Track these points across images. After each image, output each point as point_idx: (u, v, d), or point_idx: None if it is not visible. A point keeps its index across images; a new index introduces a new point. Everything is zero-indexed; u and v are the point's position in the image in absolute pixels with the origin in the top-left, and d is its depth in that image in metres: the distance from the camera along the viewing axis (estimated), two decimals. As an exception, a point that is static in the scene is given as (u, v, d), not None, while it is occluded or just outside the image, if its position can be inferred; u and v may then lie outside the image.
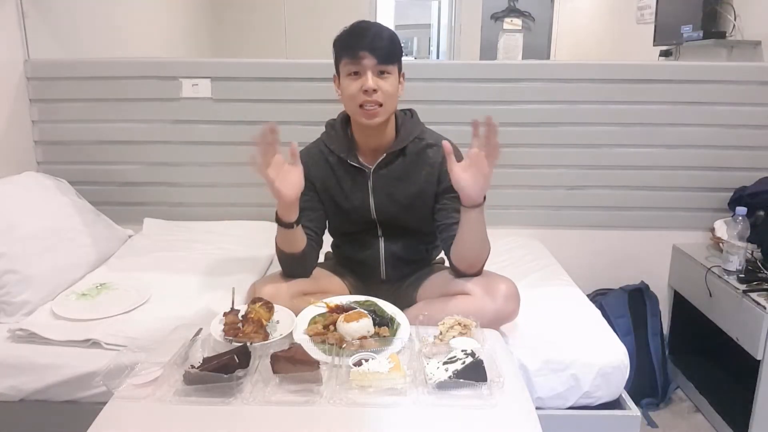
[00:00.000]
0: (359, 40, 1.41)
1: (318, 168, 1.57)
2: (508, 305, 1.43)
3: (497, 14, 5.31)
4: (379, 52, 1.41)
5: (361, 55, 1.40)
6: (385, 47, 1.42)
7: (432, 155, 1.54)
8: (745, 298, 1.79)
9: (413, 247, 1.62)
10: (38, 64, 2.18)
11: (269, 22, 4.39)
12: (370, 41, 1.41)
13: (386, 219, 1.57)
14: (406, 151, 1.54)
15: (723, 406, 1.97)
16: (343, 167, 1.55)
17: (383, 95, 1.43)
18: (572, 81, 2.18)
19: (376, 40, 1.41)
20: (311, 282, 1.55)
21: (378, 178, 1.55)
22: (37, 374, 1.41)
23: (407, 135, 1.54)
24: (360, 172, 1.55)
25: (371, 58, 1.40)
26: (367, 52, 1.40)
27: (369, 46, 1.40)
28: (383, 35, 1.43)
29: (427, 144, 1.55)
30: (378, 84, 1.42)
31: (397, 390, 1.10)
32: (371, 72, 1.41)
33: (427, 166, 1.54)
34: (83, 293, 1.68)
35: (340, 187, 1.56)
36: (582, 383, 1.45)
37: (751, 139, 2.21)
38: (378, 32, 1.43)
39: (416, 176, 1.55)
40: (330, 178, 1.57)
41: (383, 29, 1.45)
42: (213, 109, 2.21)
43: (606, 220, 2.31)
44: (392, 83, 1.45)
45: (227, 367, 1.10)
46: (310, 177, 1.55)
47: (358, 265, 1.65)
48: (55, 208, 1.89)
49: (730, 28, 2.72)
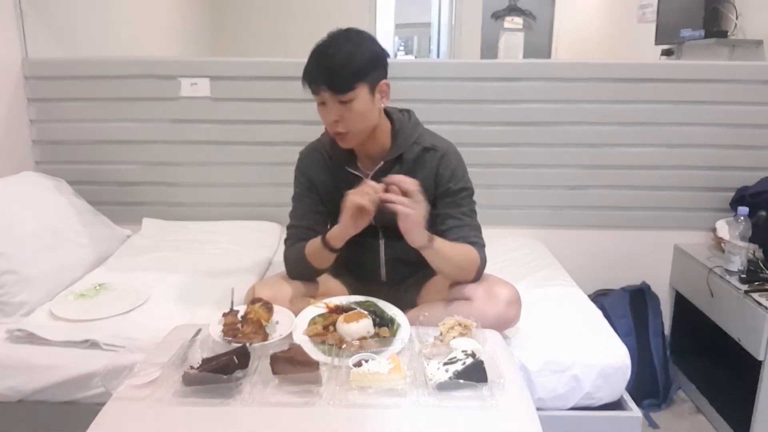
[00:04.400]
0: (314, 75, 1.37)
1: (319, 170, 1.56)
2: (510, 310, 1.42)
3: (498, 13, 5.31)
4: (335, 84, 1.35)
5: (317, 90, 1.37)
6: (341, 78, 1.35)
7: (429, 160, 1.52)
8: (746, 298, 1.78)
9: (413, 250, 1.61)
10: (36, 63, 2.17)
11: (268, 21, 4.39)
12: (325, 75, 1.35)
13: (386, 224, 1.56)
14: (403, 158, 1.51)
15: (724, 407, 1.97)
16: (342, 173, 1.54)
17: (347, 123, 1.40)
18: (573, 80, 2.17)
19: (329, 73, 1.35)
20: (310, 284, 1.54)
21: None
22: (35, 375, 1.40)
23: (404, 141, 1.51)
24: (359, 179, 1.53)
25: (327, 91, 1.36)
26: (323, 87, 1.36)
27: (324, 80, 1.35)
28: (337, 65, 1.34)
29: (424, 148, 1.52)
30: (341, 114, 1.38)
31: (397, 391, 1.10)
32: (331, 102, 1.37)
33: (425, 170, 1.52)
34: (82, 293, 1.67)
35: (340, 192, 1.55)
36: (583, 384, 1.45)
37: (752, 139, 2.20)
38: (332, 62, 1.35)
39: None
40: (330, 182, 1.56)
41: (339, 55, 1.35)
42: (212, 109, 2.21)
43: (607, 220, 2.30)
44: (358, 107, 1.38)
45: (226, 368, 1.10)
46: (311, 177, 1.55)
47: (358, 267, 1.64)
48: (54, 208, 1.89)
49: (731, 27, 2.71)
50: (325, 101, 1.38)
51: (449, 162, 1.51)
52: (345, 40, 1.38)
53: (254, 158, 2.25)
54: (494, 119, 2.20)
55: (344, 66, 1.34)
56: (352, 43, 1.37)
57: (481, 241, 1.50)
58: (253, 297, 1.40)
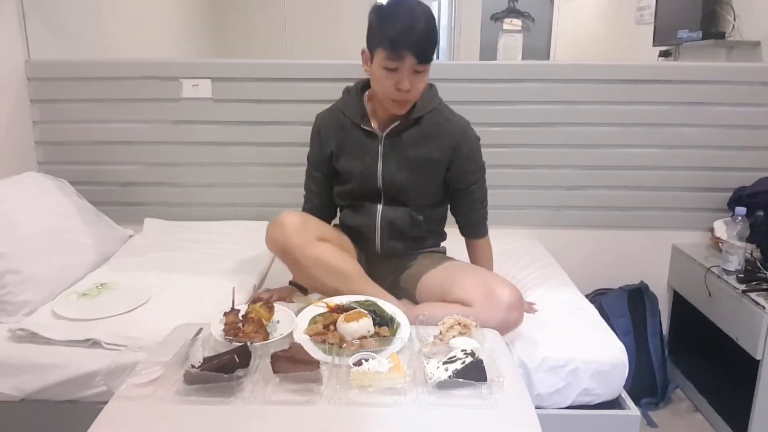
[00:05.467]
0: (404, 39, 1.37)
1: (331, 131, 1.61)
2: (511, 315, 1.41)
3: (497, 15, 5.31)
4: (421, 54, 1.38)
5: (403, 55, 1.38)
6: (430, 48, 1.40)
7: (448, 129, 1.56)
8: (744, 298, 1.79)
9: (411, 220, 1.62)
10: (39, 65, 2.18)
11: (270, 23, 4.39)
12: (415, 43, 1.37)
13: (391, 187, 1.58)
14: (422, 120, 1.55)
15: (722, 406, 1.98)
16: (355, 131, 1.57)
17: (413, 91, 1.44)
18: (572, 81, 2.18)
19: (421, 42, 1.38)
20: (334, 233, 1.61)
21: (389, 144, 1.56)
22: (37, 374, 1.41)
23: (424, 105, 1.55)
24: (372, 136, 1.57)
25: (412, 58, 1.38)
26: (410, 53, 1.37)
27: (413, 48, 1.37)
28: (429, 36, 1.39)
29: (445, 118, 1.57)
30: (412, 82, 1.42)
31: (397, 390, 1.11)
32: (408, 71, 1.40)
33: (442, 137, 1.56)
34: (84, 293, 1.68)
35: (350, 150, 1.58)
36: (581, 381, 1.46)
37: (750, 140, 2.21)
38: (424, 32, 1.38)
39: (428, 146, 1.56)
40: (342, 142, 1.59)
41: (429, 28, 1.39)
42: (213, 110, 2.22)
43: (605, 220, 2.31)
44: (425, 78, 1.45)
45: (227, 367, 1.10)
46: (324, 141, 1.62)
47: (356, 234, 1.66)
48: (56, 209, 1.90)
49: (729, 28, 2.72)
50: (401, 68, 1.40)
51: (469, 140, 1.59)
52: (421, 9, 1.40)
53: (255, 159, 2.26)
54: (493, 120, 2.21)
55: (432, 38, 1.41)
56: (429, 14, 1.41)
57: (486, 223, 1.69)
58: (277, 228, 1.48)
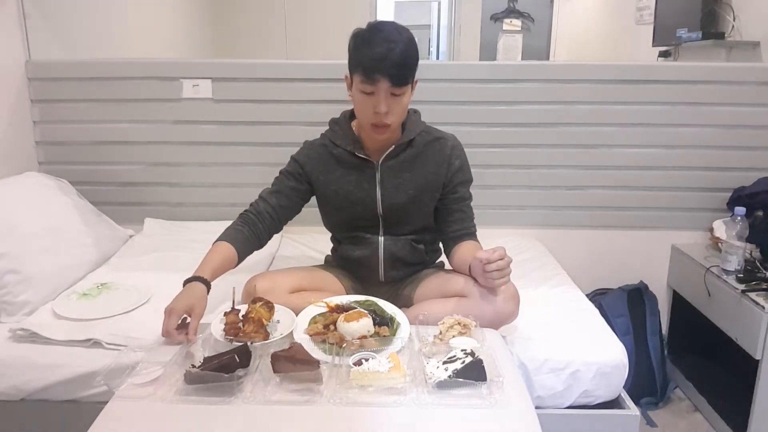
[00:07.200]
0: (377, 64, 1.35)
1: (320, 162, 1.58)
2: (507, 306, 1.42)
3: (497, 15, 5.32)
4: (395, 78, 1.37)
5: (377, 79, 1.36)
6: (405, 71, 1.38)
7: (440, 147, 1.57)
8: (743, 297, 1.79)
9: (413, 248, 1.63)
10: (39, 65, 2.18)
11: (270, 23, 4.39)
12: (389, 67, 1.35)
13: (391, 213, 1.58)
14: (414, 143, 1.56)
15: (722, 406, 1.98)
16: (349, 160, 1.56)
17: (393, 116, 1.43)
18: (571, 81, 2.18)
19: (396, 66, 1.36)
20: (309, 278, 1.57)
21: (386, 170, 1.55)
22: (38, 374, 1.41)
23: (413, 128, 1.56)
24: (368, 164, 1.55)
25: (386, 82, 1.37)
26: (383, 77, 1.36)
27: (386, 72, 1.35)
28: (404, 61, 1.37)
29: (435, 137, 1.58)
30: (390, 106, 1.40)
31: (397, 389, 1.11)
32: (384, 94, 1.39)
33: (436, 157, 1.56)
34: (84, 293, 1.68)
35: (346, 179, 1.57)
36: (581, 382, 1.46)
37: (749, 140, 2.21)
38: (399, 56, 1.36)
39: (424, 167, 1.56)
40: (334, 171, 1.57)
41: (405, 51, 1.37)
42: (213, 110, 2.22)
43: (605, 220, 2.32)
44: (404, 101, 1.43)
45: (228, 367, 1.11)
46: (306, 171, 1.59)
47: (357, 266, 1.65)
48: (57, 209, 1.90)
49: (728, 28, 2.73)
50: (377, 92, 1.39)
51: (459, 153, 1.59)
52: (398, 34, 1.39)
53: (255, 159, 2.26)
54: (493, 120, 2.21)
55: (407, 61, 1.39)
56: (407, 39, 1.40)
57: (475, 227, 1.62)
58: (251, 291, 1.42)
